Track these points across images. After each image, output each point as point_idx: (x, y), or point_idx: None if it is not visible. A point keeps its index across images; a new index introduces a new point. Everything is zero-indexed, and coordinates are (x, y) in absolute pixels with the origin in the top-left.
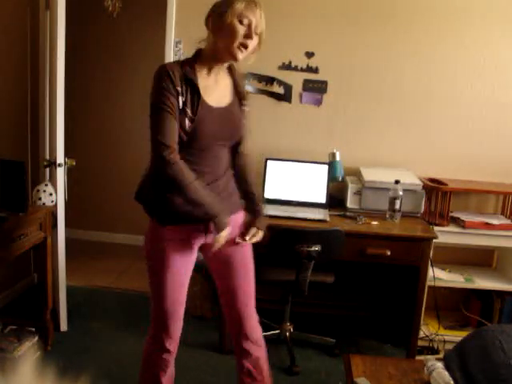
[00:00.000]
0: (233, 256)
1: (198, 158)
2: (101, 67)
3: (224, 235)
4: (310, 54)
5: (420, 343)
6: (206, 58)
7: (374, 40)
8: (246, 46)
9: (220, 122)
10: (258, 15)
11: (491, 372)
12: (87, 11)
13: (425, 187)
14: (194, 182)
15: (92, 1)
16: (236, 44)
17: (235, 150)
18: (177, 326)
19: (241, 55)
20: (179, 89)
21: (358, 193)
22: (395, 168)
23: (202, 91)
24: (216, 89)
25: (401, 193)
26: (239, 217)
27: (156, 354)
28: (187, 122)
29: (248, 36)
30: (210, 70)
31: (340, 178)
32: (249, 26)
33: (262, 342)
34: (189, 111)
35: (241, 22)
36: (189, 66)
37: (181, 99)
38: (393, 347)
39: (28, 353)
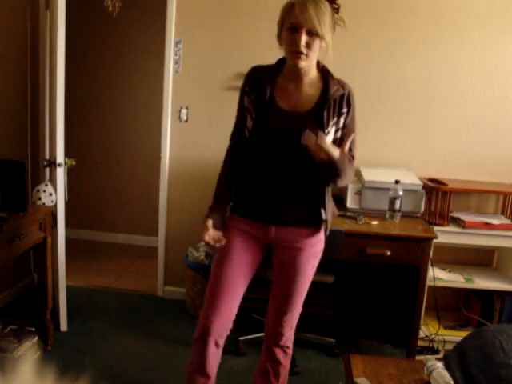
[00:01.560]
0: (289, 266)
1: (268, 159)
2: (101, 67)
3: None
4: None
5: (420, 343)
6: (286, 65)
7: (374, 40)
8: (299, 53)
9: (289, 126)
10: (308, 15)
11: (491, 372)
12: (87, 11)
13: (425, 187)
14: (222, 174)
15: (92, 1)
16: (289, 51)
17: None
18: (217, 319)
19: (301, 61)
20: (247, 88)
21: (358, 193)
22: (395, 168)
23: (276, 93)
24: (296, 94)
25: (401, 193)
26: (309, 232)
27: (194, 343)
28: (249, 119)
29: (296, 42)
30: (291, 75)
31: None
32: (298, 30)
33: (290, 352)
34: (251, 109)
35: (291, 29)
36: (271, 70)
37: (247, 98)
38: (393, 347)
39: (28, 353)
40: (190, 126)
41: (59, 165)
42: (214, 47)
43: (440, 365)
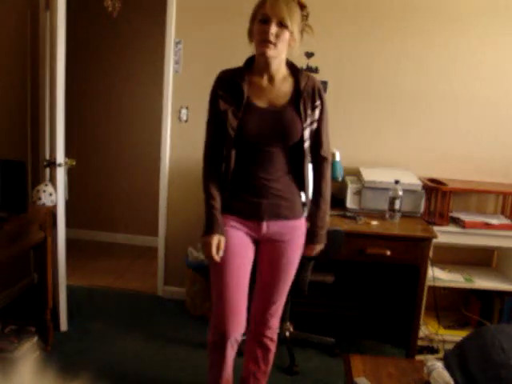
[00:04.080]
0: (278, 258)
1: (250, 157)
2: (101, 67)
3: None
4: (309, 54)
5: (420, 343)
6: (256, 62)
7: (374, 40)
8: (268, 41)
9: (269, 123)
10: (279, 8)
11: (491, 372)
12: (87, 11)
13: (425, 187)
14: (210, 185)
15: (92, 1)
16: (258, 41)
17: (313, 154)
18: (233, 324)
19: (269, 50)
20: (221, 92)
21: (358, 193)
22: (395, 168)
23: (251, 93)
24: (269, 91)
25: (401, 193)
26: (296, 224)
27: (212, 350)
28: (233, 119)
29: (266, 31)
30: (262, 73)
31: (340, 178)
32: (268, 21)
33: (276, 338)
34: (234, 109)
35: (263, 21)
36: (241, 70)
37: (222, 101)
38: (393, 347)
39: (28, 353)
40: (190, 126)
41: (59, 165)
42: (214, 47)
43: (440, 365)
